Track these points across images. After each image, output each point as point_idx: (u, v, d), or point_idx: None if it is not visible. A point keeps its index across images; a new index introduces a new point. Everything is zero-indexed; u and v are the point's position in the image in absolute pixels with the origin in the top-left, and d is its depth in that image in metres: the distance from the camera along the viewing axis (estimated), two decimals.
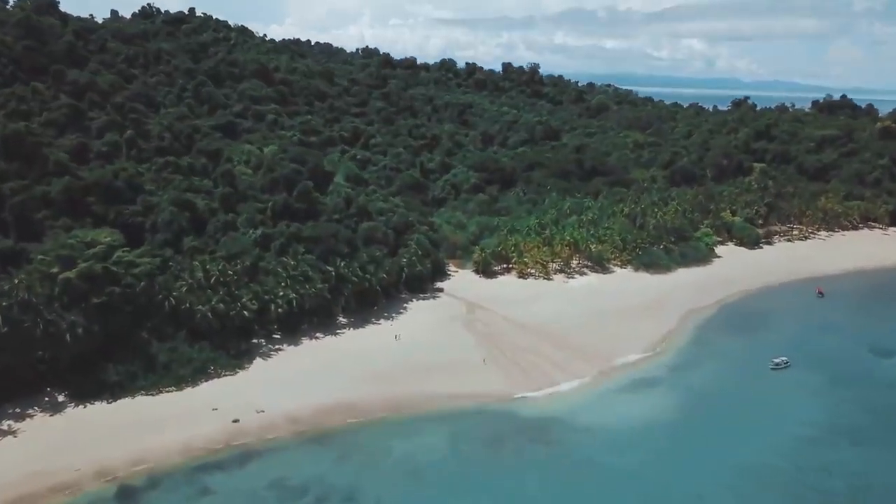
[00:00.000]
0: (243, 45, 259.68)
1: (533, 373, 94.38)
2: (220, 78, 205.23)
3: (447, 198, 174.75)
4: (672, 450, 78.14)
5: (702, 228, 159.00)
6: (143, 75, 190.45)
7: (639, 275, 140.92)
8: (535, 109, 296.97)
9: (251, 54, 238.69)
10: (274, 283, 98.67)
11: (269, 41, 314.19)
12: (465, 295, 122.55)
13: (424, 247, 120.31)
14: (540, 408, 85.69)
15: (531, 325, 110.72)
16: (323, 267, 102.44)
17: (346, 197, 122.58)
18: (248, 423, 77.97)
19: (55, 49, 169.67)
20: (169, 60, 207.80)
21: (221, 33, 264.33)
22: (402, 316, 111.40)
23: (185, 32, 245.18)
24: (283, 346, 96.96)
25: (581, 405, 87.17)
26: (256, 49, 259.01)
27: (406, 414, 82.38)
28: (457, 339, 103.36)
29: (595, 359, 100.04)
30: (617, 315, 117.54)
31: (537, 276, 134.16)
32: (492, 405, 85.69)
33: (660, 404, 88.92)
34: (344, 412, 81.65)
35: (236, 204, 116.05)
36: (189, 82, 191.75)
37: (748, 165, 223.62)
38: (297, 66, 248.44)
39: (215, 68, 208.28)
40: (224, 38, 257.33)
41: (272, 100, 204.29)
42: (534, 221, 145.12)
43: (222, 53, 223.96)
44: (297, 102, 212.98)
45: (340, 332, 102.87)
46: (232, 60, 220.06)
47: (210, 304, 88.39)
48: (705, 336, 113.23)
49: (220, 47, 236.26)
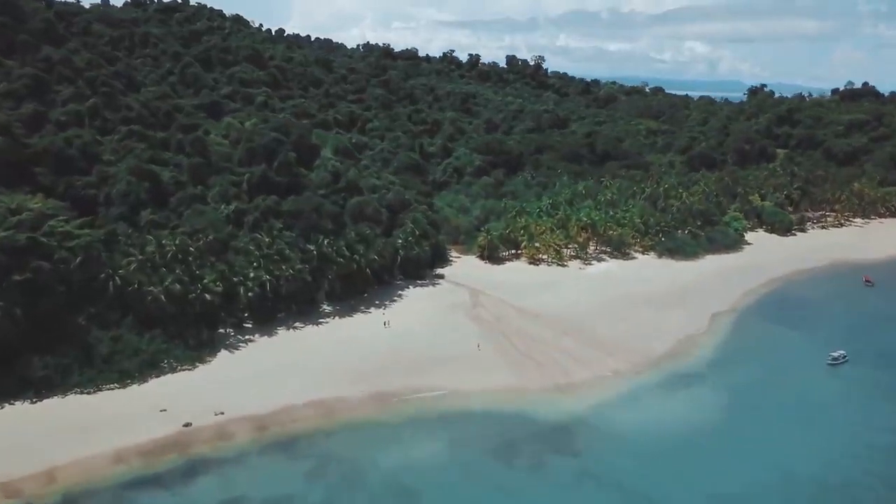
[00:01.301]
0: (238, 34, 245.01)
1: (550, 368, 79.60)
2: (210, 63, 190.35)
3: (449, 181, 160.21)
4: (723, 460, 63.34)
5: (730, 212, 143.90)
6: (128, 58, 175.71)
7: (663, 261, 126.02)
8: (540, 101, 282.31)
9: (245, 41, 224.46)
10: (244, 262, 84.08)
11: (265, 31, 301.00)
12: (469, 282, 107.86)
13: (422, 227, 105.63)
14: (560, 409, 70.92)
15: (546, 315, 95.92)
16: (303, 245, 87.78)
17: (333, 171, 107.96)
18: (202, 427, 63.35)
19: (33, 27, 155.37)
20: (156, 44, 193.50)
21: (216, 22, 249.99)
22: (397, 304, 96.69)
23: (178, 21, 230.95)
24: (254, 336, 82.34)
25: (609, 406, 72.44)
26: (252, 38, 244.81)
27: (397, 416, 67.68)
28: (459, 329, 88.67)
29: (622, 353, 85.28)
30: (643, 304, 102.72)
31: (550, 263, 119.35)
32: (501, 406, 70.98)
33: (703, 406, 74.09)
34: (321, 414, 67.06)
35: (208, 177, 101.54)
36: (176, 66, 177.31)
37: (771, 151, 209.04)
38: (293, 56, 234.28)
39: (206, 53, 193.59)
40: (218, 28, 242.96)
41: (264, 83, 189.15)
42: (546, 202, 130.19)
43: (215, 41, 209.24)
44: (290, 87, 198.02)
45: (323, 322, 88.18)
46: (224, 47, 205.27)
47: (164, 284, 73.73)
48: (746, 327, 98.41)
49: (214, 36, 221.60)
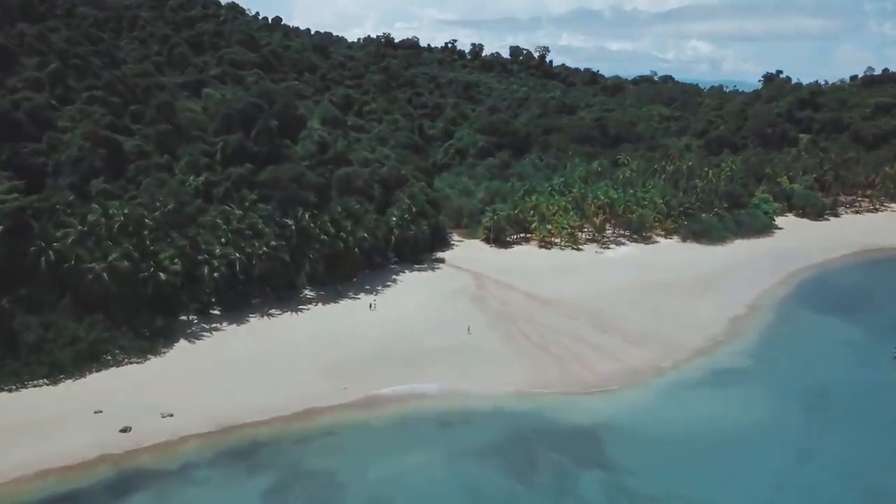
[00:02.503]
0: (233, 21, 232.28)
1: (570, 362, 67.26)
2: (202, 48, 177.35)
3: (450, 163, 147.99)
4: (788, 475, 51.06)
5: (758, 194, 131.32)
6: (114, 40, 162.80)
7: (688, 245, 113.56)
8: (546, 90, 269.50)
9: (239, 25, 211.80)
10: (210, 238, 71.83)
11: (262, 19, 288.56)
12: (474, 267, 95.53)
13: (420, 203, 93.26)
14: (584, 410, 58.54)
15: (562, 303, 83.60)
16: (279, 219, 75.45)
17: (320, 141, 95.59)
18: (144, 432, 51.09)
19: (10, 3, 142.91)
20: (145, 27, 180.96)
21: (211, 10, 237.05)
22: (391, 290, 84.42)
23: (172, 7, 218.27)
24: (221, 324, 70.04)
25: (642, 407, 60.16)
26: (248, 26, 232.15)
27: (386, 420, 55.41)
28: (462, 318, 76.25)
29: (651, 344, 72.98)
30: (670, 292, 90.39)
31: (563, 246, 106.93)
32: (513, 407, 58.67)
33: (754, 408, 61.64)
34: (294, 417, 54.77)
35: (177, 146, 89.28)
36: (164, 48, 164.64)
37: (793, 135, 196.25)
38: (290, 45, 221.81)
39: (198, 37, 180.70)
40: (213, 15, 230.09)
41: (256, 65, 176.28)
42: (558, 180, 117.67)
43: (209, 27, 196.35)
44: (284, 71, 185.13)
45: (304, 308, 75.90)
46: (217, 31, 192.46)
47: (108, 260, 61.42)
48: (788, 316, 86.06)
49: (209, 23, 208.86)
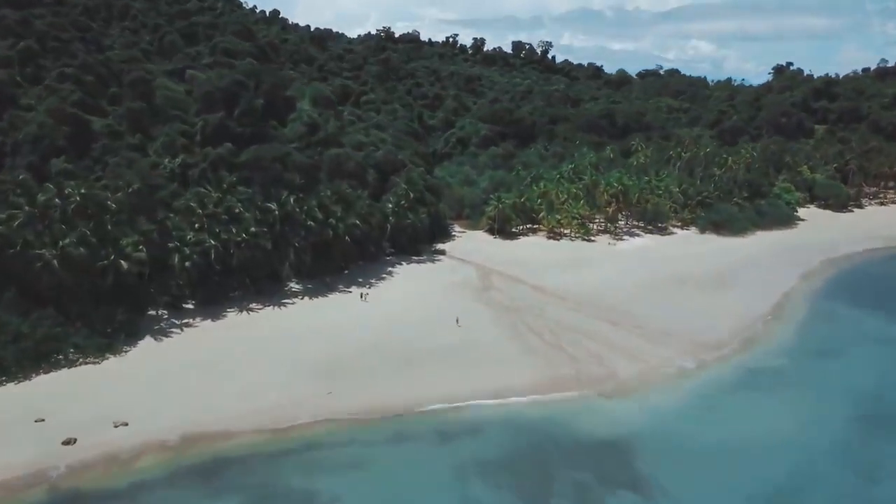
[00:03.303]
0: (230, 14, 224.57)
1: (587, 362, 59.48)
2: (195, 39, 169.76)
3: (452, 153, 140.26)
4: (854, 494, 43.32)
5: (779, 184, 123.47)
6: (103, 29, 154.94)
7: (707, 237, 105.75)
8: (550, 83, 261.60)
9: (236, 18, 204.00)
10: (184, 223, 64.14)
11: (259, 12, 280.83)
12: (477, 259, 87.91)
13: (419, 189, 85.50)
14: (607, 417, 50.80)
15: (575, 298, 75.86)
16: (261, 203, 67.69)
17: (310, 122, 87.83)
18: (91, 444, 43.42)
19: None
20: (137, 17, 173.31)
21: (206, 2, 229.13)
22: (386, 283, 76.74)
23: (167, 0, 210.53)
24: (194, 319, 62.34)
25: (672, 413, 52.38)
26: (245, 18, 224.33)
27: (377, 431, 47.63)
28: (465, 314, 68.56)
29: (675, 342, 65.25)
30: (691, 285, 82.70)
31: (574, 237, 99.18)
32: (525, 414, 50.90)
33: (800, 412, 53.89)
34: (269, 428, 47.05)
35: (153, 126, 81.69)
36: (155, 38, 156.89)
37: (808, 125, 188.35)
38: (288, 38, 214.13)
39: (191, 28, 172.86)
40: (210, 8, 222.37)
41: (250, 55, 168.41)
42: (567, 167, 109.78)
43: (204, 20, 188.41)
44: (280, 62, 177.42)
45: (288, 303, 68.19)
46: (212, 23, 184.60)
47: (59, 246, 53.69)
48: (822, 311, 78.27)
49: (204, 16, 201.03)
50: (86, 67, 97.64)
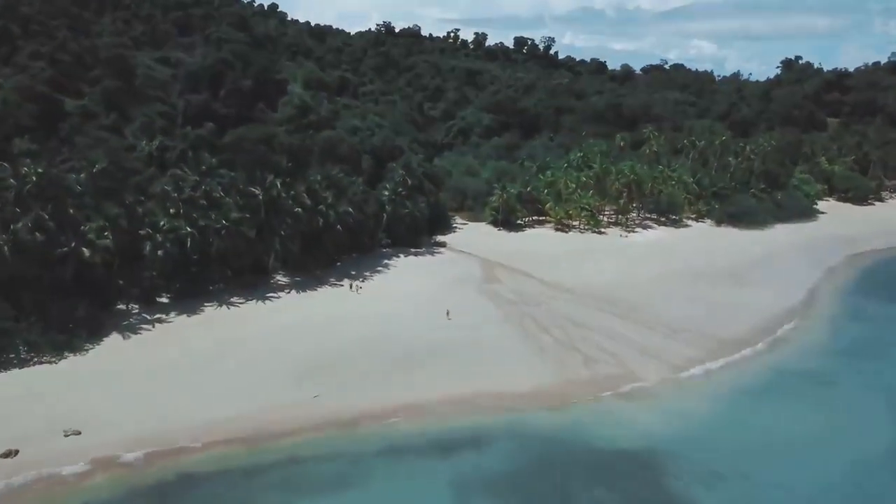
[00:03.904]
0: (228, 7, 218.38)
1: (603, 363, 53.52)
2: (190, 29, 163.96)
3: (453, 143, 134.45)
4: None
5: (797, 174, 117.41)
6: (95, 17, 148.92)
7: (724, 230, 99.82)
8: (553, 77, 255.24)
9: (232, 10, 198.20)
10: (158, 208, 58.21)
11: (257, 6, 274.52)
12: (480, 252, 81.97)
13: (417, 177, 79.52)
14: (628, 425, 44.82)
15: (587, 293, 69.91)
16: (244, 187, 61.67)
17: (301, 105, 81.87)
18: (35, 457, 37.44)
19: None
20: (129, 6, 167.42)
21: None
22: (381, 276, 70.73)
23: None
24: (168, 315, 56.37)
25: (701, 420, 46.52)
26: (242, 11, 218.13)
27: (367, 441, 41.62)
28: (468, 310, 62.66)
29: (698, 340, 59.35)
30: (711, 280, 76.76)
31: (583, 229, 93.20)
32: (536, 422, 44.92)
33: (849, 420, 47.95)
34: (243, 438, 41.08)
35: (131, 107, 75.79)
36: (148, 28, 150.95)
37: (821, 118, 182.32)
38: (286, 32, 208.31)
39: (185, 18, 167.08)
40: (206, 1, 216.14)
41: (244, 43, 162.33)
42: (576, 155, 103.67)
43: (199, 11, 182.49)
44: (276, 53, 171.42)
45: (274, 297, 62.17)
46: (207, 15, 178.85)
47: (11, 230, 47.71)
48: (856, 308, 72.75)
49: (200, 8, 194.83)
50: (64, 48, 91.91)
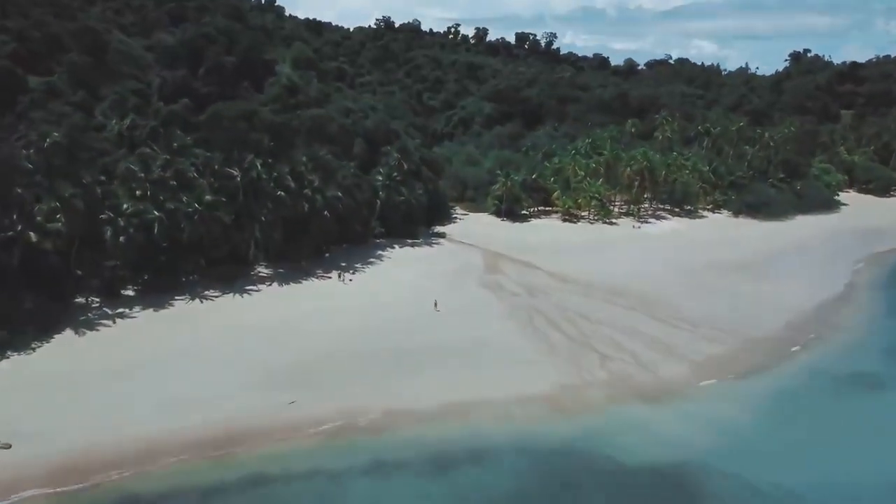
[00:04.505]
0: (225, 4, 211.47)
1: (622, 362, 47.29)
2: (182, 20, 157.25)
3: (453, 133, 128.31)
4: None
5: (817, 164, 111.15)
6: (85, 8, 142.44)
7: (742, 221, 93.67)
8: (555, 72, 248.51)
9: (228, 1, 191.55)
10: (122, 190, 52.02)
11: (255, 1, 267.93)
12: (482, 243, 75.81)
13: (414, 162, 73.29)
14: (656, 436, 38.58)
15: (600, 286, 63.72)
16: (219, 166, 55.38)
17: (289, 84, 75.66)
18: None
19: None
20: None
21: None
22: (374, 268, 64.50)
23: None
24: (132, 309, 50.17)
25: (741, 427, 40.34)
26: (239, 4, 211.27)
27: (351, 453, 35.45)
28: (469, 305, 56.58)
29: (722, 338, 53.31)
30: (733, 274, 70.68)
31: (593, 219, 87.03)
32: (550, 431, 38.68)
33: None
34: (209, 449, 34.90)
35: (102, 84, 69.58)
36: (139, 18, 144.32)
37: (835, 111, 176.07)
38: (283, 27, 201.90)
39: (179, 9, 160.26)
40: None
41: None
42: (584, 142, 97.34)
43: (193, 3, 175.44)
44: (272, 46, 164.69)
45: (253, 290, 55.94)
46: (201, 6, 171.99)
47: None
48: None
49: None
50: (38, 25, 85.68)
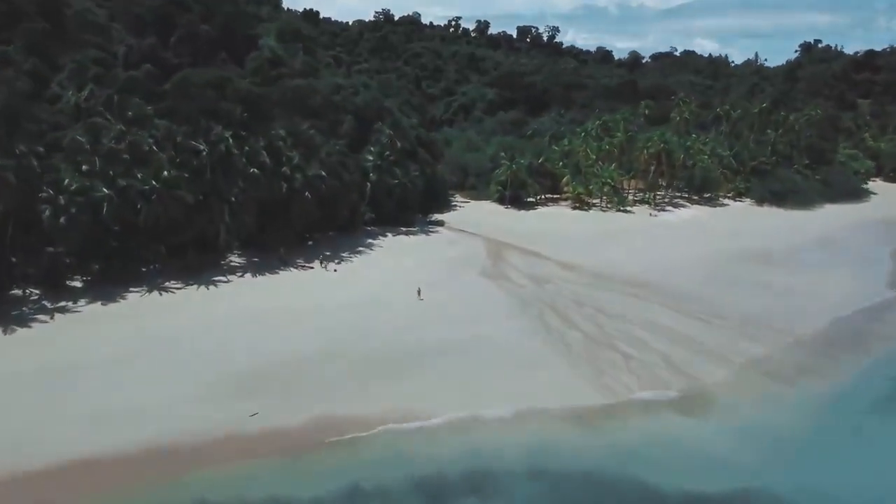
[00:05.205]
0: None
1: (652, 364, 39.95)
2: None
3: (454, 119, 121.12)
4: None
5: (843, 150, 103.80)
6: None
7: (768, 210, 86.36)
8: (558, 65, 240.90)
9: None
10: (67, 164, 44.70)
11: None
12: (485, 231, 68.53)
13: (410, 141, 65.93)
14: (703, 452, 31.26)
15: (618, 278, 56.46)
16: (182, 139, 48.00)
17: (271, 57, 68.26)
18: None
19: None
20: None
21: None
22: (363, 257, 57.24)
23: None
24: (76, 303, 42.90)
25: (808, 443, 33.09)
26: None
27: (322, 475, 28.12)
28: (471, 298, 49.30)
29: (767, 335, 46.00)
30: (767, 265, 63.54)
31: (605, 207, 79.74)
32: (566, 442, 31.38)
33: None
34: (145, 470, 27.59)
35: (60, 53, 62.28)
36: None
37: (851, 99, 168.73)
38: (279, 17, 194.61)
39: None
40: None
41: None
42: (595, 123, 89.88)
43: None
44: None
45: (222, 281, 48.66)
46: None
47: None
48: None
49: None
50: None
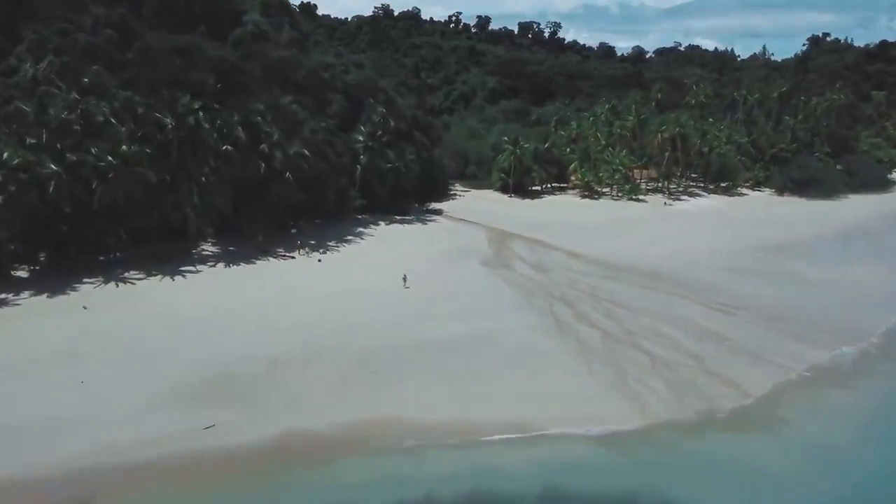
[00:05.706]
0: None
1: (685, 368, 34.27)
2: None
3: (454, 108, 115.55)
4: None
5: (865, 138, 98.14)
6: None
7: (789, 200, 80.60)
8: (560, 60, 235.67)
9: None
10: (7, 136, 39.04)
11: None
12: (487, 220, 62.87)
13: (405, 120, 60.19)
14: (759, 477, 25.53)
15: (638, 270, 50.81)
16: (143, 109, 42.31)
17: (255, 31, 62.56)
18: None
19: None
20: None
21: None
22: (351, 247, 51.59)
23: None
24: (16, 295, 37.26)
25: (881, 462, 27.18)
26: None
27: (287, 498, 22.57)
28: (472, 291, 43.65)
29: (817, 335, 40.15)
30: (797, 258, 57.67)
31: (616, 195, 74.01)
32: (591, 464, 25.67)
33: None
34: (76, 493, 21.95)
35: (21, 25, 56.64)
36: None
37: (865, 91, 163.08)
38: None
39: None
40: None
41: None
42: (604, 109, 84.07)
43: None
44: None
45: (190, 271, 42.96)
46: None
47: None
48: None
49: None
50: None
